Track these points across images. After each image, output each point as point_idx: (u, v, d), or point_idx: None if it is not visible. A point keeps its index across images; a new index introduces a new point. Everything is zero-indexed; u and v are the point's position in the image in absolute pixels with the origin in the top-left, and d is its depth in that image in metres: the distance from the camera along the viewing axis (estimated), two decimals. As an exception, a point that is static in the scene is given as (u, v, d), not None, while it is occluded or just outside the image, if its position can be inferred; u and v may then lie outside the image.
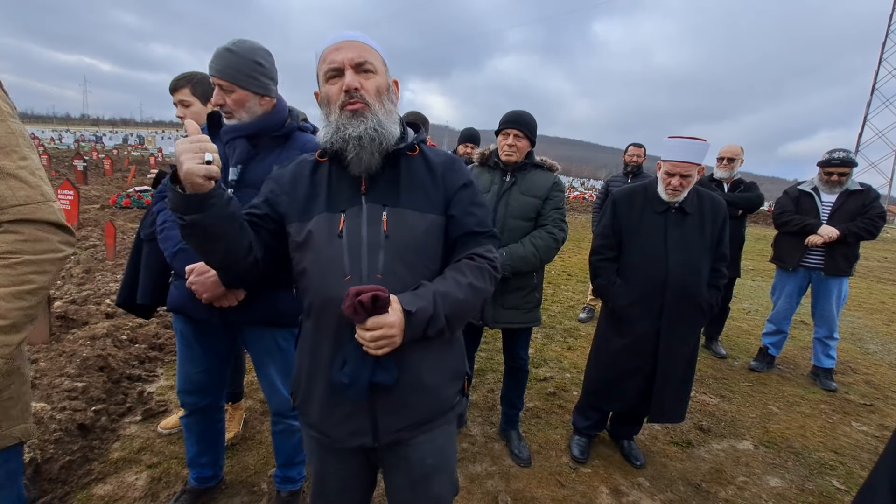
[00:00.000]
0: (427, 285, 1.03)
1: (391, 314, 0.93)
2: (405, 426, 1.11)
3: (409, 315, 0.95)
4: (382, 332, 0.92)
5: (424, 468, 1.18)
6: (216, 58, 1.51)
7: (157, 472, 2.12)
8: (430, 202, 1.11)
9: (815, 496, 2.34)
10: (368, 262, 1.04)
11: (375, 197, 1.09)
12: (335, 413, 1.11)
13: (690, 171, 2.09)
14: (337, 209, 1.09)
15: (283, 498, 1.96)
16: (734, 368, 3.91)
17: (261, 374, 1.81)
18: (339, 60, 1.04)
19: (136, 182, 12.61)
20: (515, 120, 2.26)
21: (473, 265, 1.09)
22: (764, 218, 19.77)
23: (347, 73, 1.04)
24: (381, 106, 1.07)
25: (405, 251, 1.06)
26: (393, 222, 1.07)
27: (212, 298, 1.55)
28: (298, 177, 1.15)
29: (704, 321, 2.28)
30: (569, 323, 4.77)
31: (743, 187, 3.93)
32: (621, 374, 2.28)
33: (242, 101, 1.56)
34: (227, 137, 1.59)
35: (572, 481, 2.33)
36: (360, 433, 1.10)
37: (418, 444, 1.16)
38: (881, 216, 3.38)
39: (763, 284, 7.33)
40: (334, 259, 1.05)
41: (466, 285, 1.05)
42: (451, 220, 1.13)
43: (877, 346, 4.76)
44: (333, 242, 1.06)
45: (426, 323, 0.98)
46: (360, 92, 1.04)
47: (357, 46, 1.05)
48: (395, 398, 1.08)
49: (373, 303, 0.90)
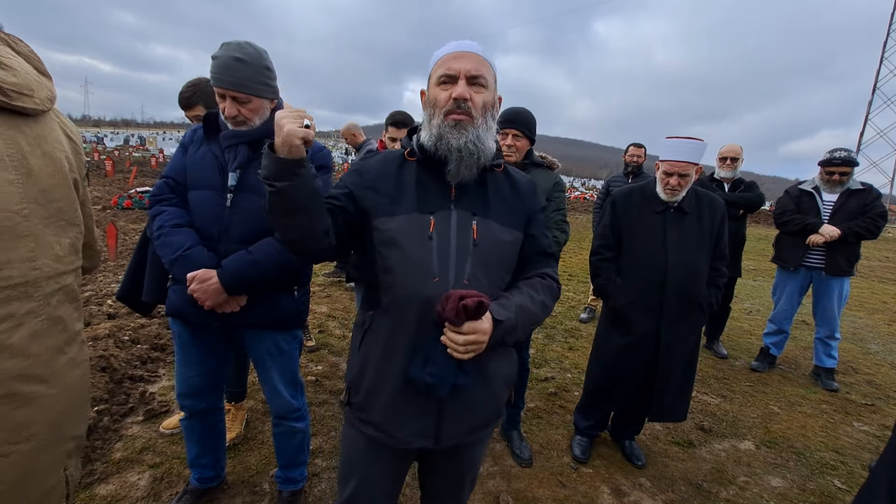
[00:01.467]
0: (509, 297, 1.11)
1: (484, 321, 0.99)
2: (466, 430, 1.15)
3: (498, 324, 1.02)
4: (476, 337, 0.98)
5: (469, 467, 1.30)
6: (227, 69, 1.45)
7: (159, 473, 2.13)
8: (513, 218, 1.17)
9: (817, 496, 2.34)
10: (456, 267, 1.08)
11: (465, 205, 1.13)
12: (402, 412, 1.12)
13: (688, 171, 2.10)
14: (426, 211, 1.11)
15: (285, 498, 1.96)
16: (735, 368, 3.91)
17: (262, 377, 1.81)
18: (455, 69, 1.07)
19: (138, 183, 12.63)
20: (513, 119, 2.24)
21: (546, 284, 1.19)
22: (765, 218, 19.74)
23: (461, 83, 1.07)
24: (484, 121, 1.10)
25: (490, 260, 1.11)
26: (482, 232, 1.11)
27: (214, 305, 1.54)
28: (385, 173, 1.17)
29: (704, 320, 2.28)
30: (570, 323, 4.77)
31: (743, 187, 3.92)
32: (622, 374, 2.28)
33: (257, 109, 1.55)
34: (227, 143, 1.58)
35: (573, 481, 2.33)
36: (424, 435, 1.12)
37: (468, 447, 1.23)
38: (882, 215, 3.38)
39: (764, 284, 7.32)
40: (424, 260, 1.07)
41: (540, 302, 1.14)
42: (528, 239, 1.21)
43: (878, 346, 4.75)
44: (424, 244, 1.08)
45: (507, 332, 1.05)
46: (468, 104, 1.07)
47: (476, 59, 1.09)
48: (464, 402, 1.12)
49: (476, 308, 0.94)
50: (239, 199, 1.57)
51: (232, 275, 1.51)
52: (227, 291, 1.53)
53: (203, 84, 2.14)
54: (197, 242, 1.56)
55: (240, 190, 1.57)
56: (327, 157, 1.71)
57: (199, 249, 1.55)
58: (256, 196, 1.57)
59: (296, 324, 1.78)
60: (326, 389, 3.00)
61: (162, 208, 1.62)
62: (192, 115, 2.11)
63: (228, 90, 1.48)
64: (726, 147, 4.00)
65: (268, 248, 1.56)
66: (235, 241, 1.57)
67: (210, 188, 1.58)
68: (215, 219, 1.57)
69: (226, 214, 1.57)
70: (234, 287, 1.53)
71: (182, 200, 1.63)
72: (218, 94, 1.51)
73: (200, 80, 2.15)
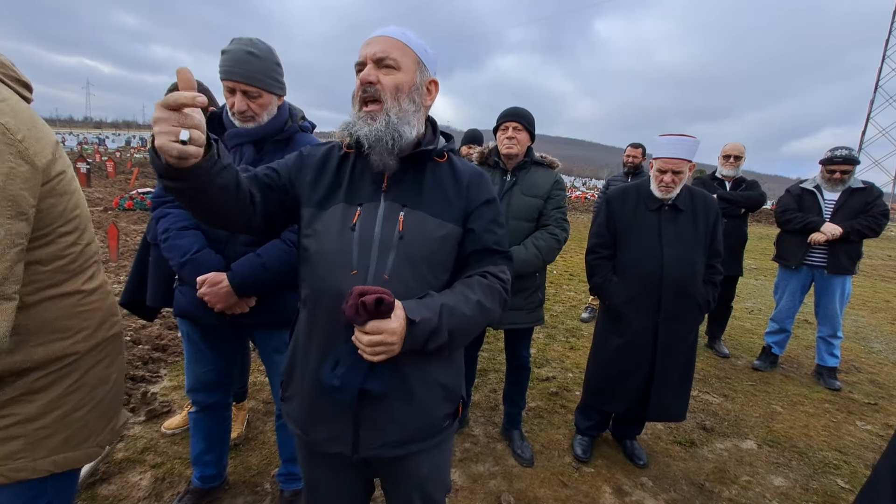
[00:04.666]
0: (434, 296, 0.99)
1: (393, 320, 0.88)
2: (388, 442, 1.05)
3: (412, 324, 0.91)
4: (382, 338, 0.88)
5: (419, 479, 1.16)
6: (240, 62, 1.45)
7: (160, 473, 2.13)
8: (450, 211, 1.08)
9: (820, 495, 2.33)
10: (377, 261, 1.01)
11: (395, 196, 1.07)
12: (317, 413, 1.07)
13: (682, 168, 2.11)
14: (354, 202, 1.06)
15: (287, 498, 1.96)
16: (737, 368, 3.90)
17: (271, 373, 1.84)
18: (363, 54, 1.04)
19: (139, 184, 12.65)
20: (514, 114, 2.27)
21: (485, 283, 1.06)
22: (766, 216, 19.69)
23: (367, 67, 1.03)
24: (397, 104, 1.03)
25: (417, 256, 1.03)
26: (409, 224, 1.04)
27: (224, 308, 1.54)
28: (326, 163, 1.13)
29: (701, 318, 2.28)
30: (571, 323, 4.76)
31: (745, 186, 3.92)
32: (621, 374, 2.28)
33: (266, 105, 1.55)
34: (232, 143, 1.57)
35: (575, 481, 2.33)
36: (340, 440, 1.05)
37: (405, 461, 1.12)
38: (884, 214, 3.37)
39: (766, 283, 7.30)
40: (342, 252, 1.02)
41: (475, 303, 1.01)
42: (468, 234, 1.10)
43: (881, 345, 4.73)
44: (344, 235, 1.03)
45: (428, 335, 0.93)
46: (376, 87, 1.01)
47: (386, 42, 1.03)
48: (382, 410, 1.03)
49: (376, 306, 0.85)
50: None
51: (242, 278, 1.52)
52: (238, 294, 1.54)
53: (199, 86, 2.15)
54: (205, 245, 1.57)
55: None
56: None
57: (207, 252, 1.55)
58: None
59: None
60: (327, 389, 3.00)
61: (166, 210, 1.61)
62: None
63: (240, 83, 1.48)
64: (730, 145, 3.99)
65: (275, 250, 1.57)
66: (243, 244, 1.57)
67: None
68: None
69: None
70: (244, 290, 1.54)
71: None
72: (227, 88, 1.51)
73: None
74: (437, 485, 1.22)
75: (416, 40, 1.07)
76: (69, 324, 1.01)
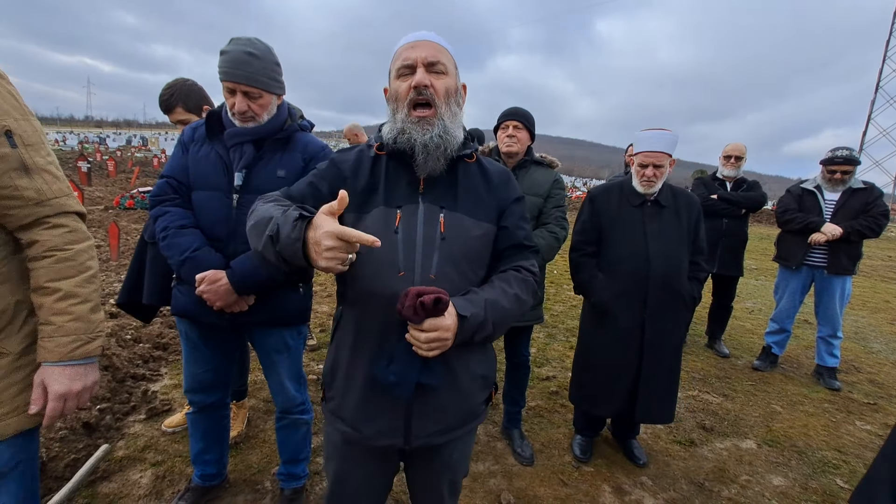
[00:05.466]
0: (477, 292, 1.06)
1: (447, 318, 0.95)
2: (435, 430, 1.12)
3: (463, 320, 0.98)
4: (438, 334, 0.94)
5: (447, 470, 1.26)
6: (239, 64, 1.45)
7: (161, 471, 2.14)
8: (484, 211, 1.13)
9: (819, 495, 2.33)
10: (422, 261, 1.05)
11: (432, 198, 1.10)
12: (370, 409, 1.10)
13: (662, 161, 2.12)
14: (393, 204, 1.09)
15: (287, 496, 1.97)
16: (737, 367, 3.91)
17: (268, 373, 1.83)
18: (412, 58, 1.05)
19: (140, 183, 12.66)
20: (514, 113, 2.29)
21: (520, 277, 1.13)
22: (767, 217, 19.69)
23: (419, 71, 1.05)
24: (448, 108, 1.08)
25: (458, 255, 1.08)
26: (449, 225, 1.08)
27: (224, 306, 1.55)
28: (360, 167, 1.15)
29: (688, 315, 2.28)
30: (571, 322, 4.77)
31: (746, 186, 3.92)
32: (608, 376, 2.25)
33: (266, 105, 1.55)
34: (232, 142, 1.57)
35: (575, 480, 2.33)
36: (393, 433, 1.10)
37: (442, 448, 1.19)
38: (884, 214, 3.37)
39: (766, 283, 7.30)
40: (388, 254, 1.05)
41: (513, 296, 1.08)
42: (502, 231, 1.16)
43: (881, 345, 4.74)
44: (388, 237, 1.05)
45: (476, 329, 1.01)
46: (429, 90, 1.05)
47: (431, 46, 1.07)
48: (433, 401, 1.09)
49: (434, 305, 0.91)
50: (245, 199, 1.57)
51: (242, 276, 1.52)
52: (237, 292, 1.54)
53: (179, 85, 2.12)
54: (204, 243, 1.56)
55: (246, 190, 1.57)
56: (329, 155, 1.72)
57: (206, 251, 1.55)
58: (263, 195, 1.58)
59: (302, 320, 1.80)
60: (328, 388, 3.00)
61: (165, 209, 1.61)
62: (175, 119, 2.09)
63: (240, 84, 1.48)
64: (731, 145, 4.00)
65: None
66: (243, 242, 1.57)
67: (215, 189, 1.58)
68: (223, 220, 1.57)
69: (233, 215, 1.57)
70: (243, 288, 1.54)
71: (185, 200, 1.62)
72: (227, 88, 1.51)
73: (177, 82, 2.13)
74: (462, 469, 1.32)
75: (449, 45, 1.11)
76: None
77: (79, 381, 1.04)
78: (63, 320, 1.01)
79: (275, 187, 1.59)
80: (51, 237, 1.01)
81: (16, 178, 0.97)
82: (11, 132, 0.97)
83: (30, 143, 1.00)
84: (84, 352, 1.04)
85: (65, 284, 1.02)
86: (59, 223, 1.03)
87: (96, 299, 1.06)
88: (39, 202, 1.00)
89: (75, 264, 1.03)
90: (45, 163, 1.03)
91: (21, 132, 0.99)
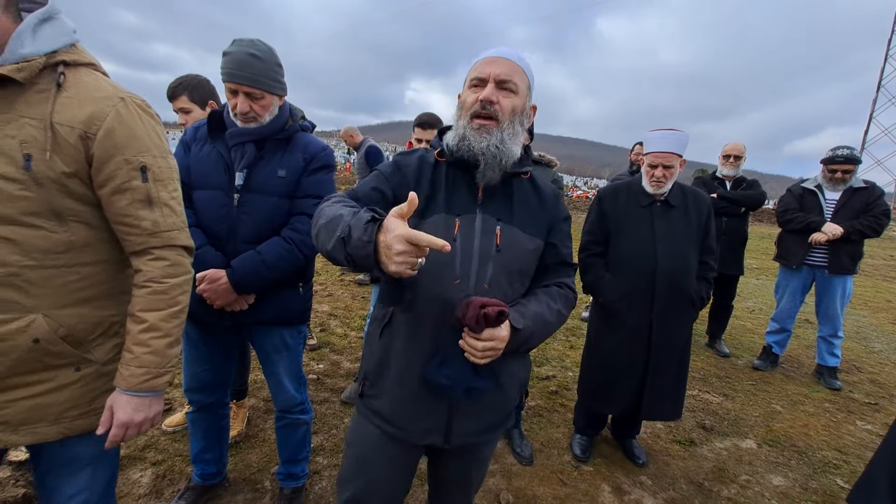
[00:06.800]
0: (527, 305, 1.12)
1: (503, 329, 1.00)
2: (474, 430, 1.17)
3: (516, 332, 1.03)
4: (494, 344, 0.99)
5: (478, 466, 1.33)
6: (242, 65, 1.46)
7: (161, 470, 2.14)
8: (536, 226, 1.18)
9: (819, 495, 2.33)
10: (478, 271, 1.09)
11: (490, 210, 1.14)
12: (415, 408, 1.14)
13: (672, 162, 2.12)
14: (453, 212, 1.12)
15: (287, 495, 1.97)
16: (738, 367, 3.90)
17: (268, 372, 1.83)
18: (486, 72, 1.08)
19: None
20: None
21: (563, 294, 1.19)
22: (768, 216, 19.66)
23: (488, 86, 1.08)
24: (510, 126, 1.10)
25: (511, 266, 1.12)
26: (505, 238, 1.12)
27: (224, 304, 1.56)
28: (422, 172, 1.17)
29: (695, 315, 2.27)
30: (571, 322, 4.76)
31: (745, 185, 3.92)
32: (616, 374, 2.26)
33: (268, 106, 1.56)
34: (234, 142, 1.58)
35: (574, 479, 2.33)
36: (434, 432, 1.14)
37: (477, 446, 1.25)
38: (886, 213, 3.36)
39: (767, 283, 7.29)
40: (447, 261, 1.07)
41: (556, 311, 1.15)
42: (549, 247, 1.22)
43: (882, 345, 4.73)
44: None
45: (525, 340, 1.07)
46: (495, 106, 1.07)
47: (507, 64, 1.09)
48: (478, 403, 1.13)
49: (497, 317, 0.95)
50: (246, 198, 1.58)
51: (242, 275, 1.53)
52: (237, 291, 1.55)
53: (190, 77, 2.17)
54: (205, 242, 1.57)
55: (247, 190, 1.58)
56: (330, 156, 1.72)
57: (207, 249, 1.56)
58: (264, 195, 1.59)
59: (302, 320, 1.81)
60: (328, 388, 3.00)
61: None
62: (177, 106, 2.14)
63: (243, 86, 1.48)
64: (730, 145, 3.99)
65: (276, 247, 1.58)
66: (243, 241, 1.58)
67: (217, 188, 1.59)
68: (223, 219, 1.58)
69: (233, 214, 1.58)
70: (243, 287, 1.55)
71: (186, 200, 1.63)
72: (230, 89, 1.51)
73: (188, 76, 2.19)
74: (488, 464, 1.40)
75: (530, 66, 1.14)
76: None
77: (142, 412, 1.07)
78: (141, 351, 1.05)
79: (275, 187, 1.60)
80: (152, 269, 1.06)
81: (139, 208, 1.04)
82: (147, 168, 1.05)
83: (160, 179, 1.07)
84: (151, 385, 1.07)
85: (151, 316, 1.06)
86: (163, 255, 1.08)
87: (177, 335, 1.10)
88: (153, 233, 1.06)
89: (166, 298, 1.07)
90: (169, 198, 1.09)
91: (156, 168, 1.06)
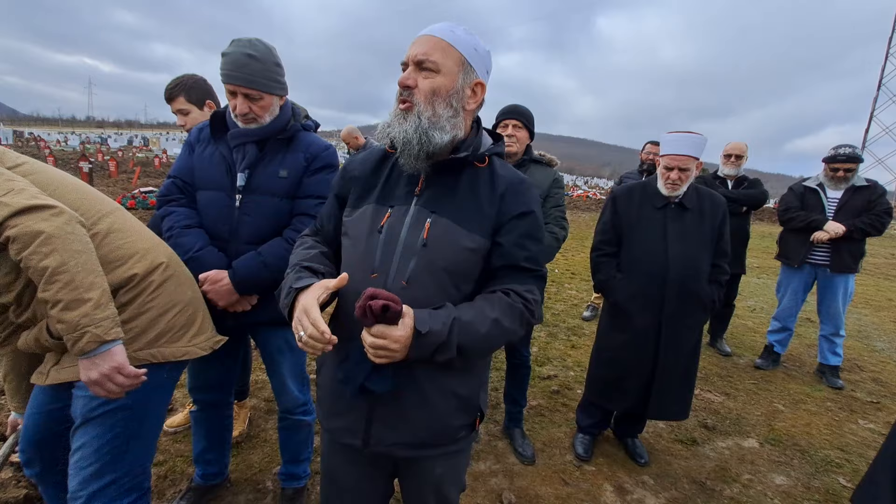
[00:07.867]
0: (450, 309, 0.97)
1: (399, 328, 0.89)
2: (399, 442, 1.07)
3: (419, 335, 0.91)
4: (385, 343, 0.89)
5: (432, 480, 1.18)
6: (239, 66, 1.45)
7: (162, 470, 2.14)
8: (479, 221, 1.03)
9: (822, 494, 2.33)
10: (398, 266, 1.01)
11: (426, 201, 1.05)
12: (334, 405, 1.12)
13: (688, 165, 2.11)
14: (386, 203, 1.07)
15: (288, 495, 1.97)
16: (739, 366, 3.90)
17: (271, 372, 1.83)
18: (407, 55, 1.02)
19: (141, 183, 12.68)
20: (513, 111, 2.28)
21: (506, 302, 1.02)
22: (769, 215, 19.63)
23: (407, 70, 1.01)
24: (431, 108, 0.99)
25: (438, 264, 1.01)
26: (435, 232, 1.01)
27: (227, 305, 1.57)
28: (366, 165, 1.15)
29: (705, 317, 2.27)
30: (572, 321, 4.76)
31: (747, 184, 3.91)
32: (623, 372, 2.27)
33: (268, 106, 1.56)
34: (235, 142, 1.58)
35: (576, 479, 2.33)
36: (352, 433, 1.09)
37: (423, 464, 1.15)
38: (887, 212, 3.36)
39: (768, 282, 7.27)
40: (368, 253, 1.04)
41: (492, 321, 0.98)
42: (495, 248, 1.05)
43: (884, 344, 4.72)
44: (372, 237, 1.04)
45: (435, 348, 0.93)
46: (412, 90, 1.00)
47: (429, 42, 1.00)
48: (394, 410, 1.05)
49: (382, 312, 0.87)
50: (248, 199, 1.58)
51: (243, 276, 1.54)
52: (239, 291, 1.55)
53: (186, 78, 2.17)
54: (207, 243, 1.58)
55: (248, 190, 1.58)
56: (332, 155, 1.72)
57: (209, 250, 1.57)
58: (265, 196, 1.59)
59: None
60: (329, 388, 3.00)
61: (171, 209, 1.63)
62: (176, 108, 2.14)
63: (241, 87, 1.48)
64: (731, 144, 3.98)
65: (277, 248, 1.58)
66: (245, 242, 1.59)
67: (218, 189, 1.59)
68: (225, 219, 1.59)
69: (235, 215, 1.58)
70: (245, 287, 1.56)
71: (191, 200, 1.65)
72: (229, 91, 1.51)
73: (184, 76, 2.19)
74: (452, 484, 1.23)
75: (466, 38, 1.02)
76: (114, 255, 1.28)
77: (94, 371, 1.13)
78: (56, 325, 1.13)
79: (277, 188, 1.61)
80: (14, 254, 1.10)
81: None
82: None
83: None
84: (80, 349, 1.11)
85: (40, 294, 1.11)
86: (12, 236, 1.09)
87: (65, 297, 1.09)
88: None
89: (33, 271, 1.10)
90: None
91: None
